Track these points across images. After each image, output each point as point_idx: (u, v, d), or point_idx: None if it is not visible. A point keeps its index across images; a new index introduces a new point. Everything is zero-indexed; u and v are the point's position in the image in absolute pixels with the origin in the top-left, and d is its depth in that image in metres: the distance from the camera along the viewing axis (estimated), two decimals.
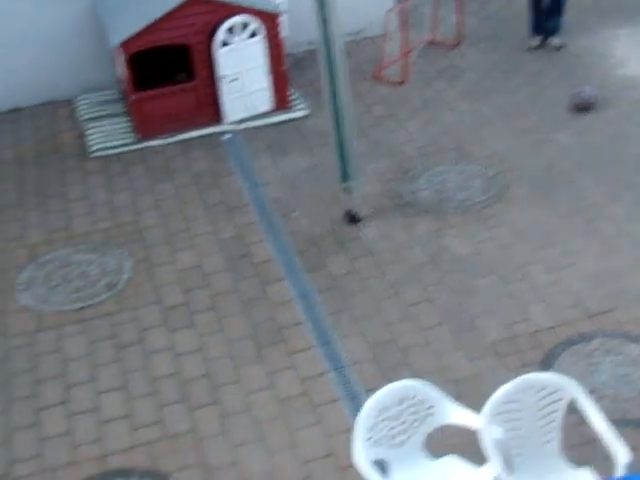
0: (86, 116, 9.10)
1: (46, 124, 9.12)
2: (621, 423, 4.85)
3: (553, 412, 4.61)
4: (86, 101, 9.33)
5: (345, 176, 7.25)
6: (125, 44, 8.19)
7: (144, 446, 5.56)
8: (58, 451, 5.56)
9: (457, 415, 4.72)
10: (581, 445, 4.86)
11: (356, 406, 5.63)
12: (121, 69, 8.61)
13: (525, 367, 5.79)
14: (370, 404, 4.62)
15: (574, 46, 9.86)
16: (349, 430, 5.38)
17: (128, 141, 8.69)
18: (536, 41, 9.87)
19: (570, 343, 6.04)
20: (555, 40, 9.83)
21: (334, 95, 6.83)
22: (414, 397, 4.70)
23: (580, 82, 9.05)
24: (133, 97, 8.48)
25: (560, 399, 4.59)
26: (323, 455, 5.41)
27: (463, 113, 8.91)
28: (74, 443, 5.60)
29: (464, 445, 5.17)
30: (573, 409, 4.55)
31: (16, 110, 9.34)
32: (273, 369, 6.05)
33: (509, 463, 4.55)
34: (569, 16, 9.94)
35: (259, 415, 5.71)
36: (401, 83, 9.48)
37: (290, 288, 6.77)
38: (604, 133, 8.37)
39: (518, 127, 8.59)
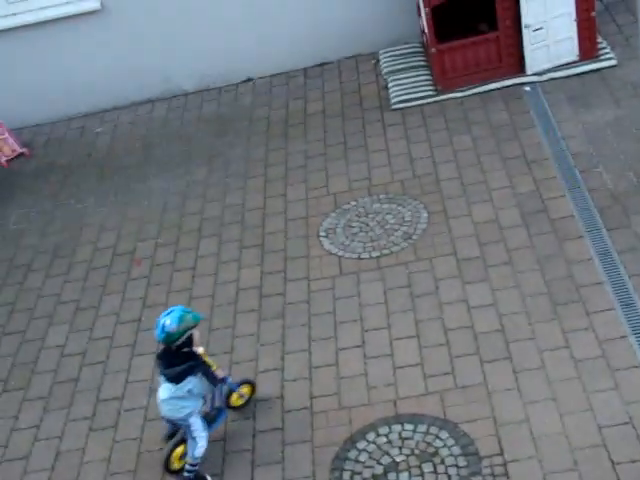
0: (388, 69, 9.27)
1: (350, 77, 9.43)
2: None
3: None
4: (388, 54, 9.50)
5: None
6: None
7: (435, 394, 5.67)
8: (354, 391, 5.84)
9: None
10: None
11: None
12: (423, 21, 8.65)
13: None
14: None
15: None
16: None
17: (428, 93, 8.75)
18: None
19: None
20: None
21: None
22: None
23: None
24: (434, 49, 8.49)
25: None
26: (621, 422, 5.18)
27: None
28: (369, 385, 5.85)
29: None
30: None
31: (323, 64, 9.75)
32: (569, 328, 5.87)
33: None
34: None
35: (553, 374, 5.59)
36: None
37: (590, 246, 6.50)
38: None
39: None
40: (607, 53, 8.56)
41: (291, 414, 5.78)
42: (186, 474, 5.42)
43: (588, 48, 8.46)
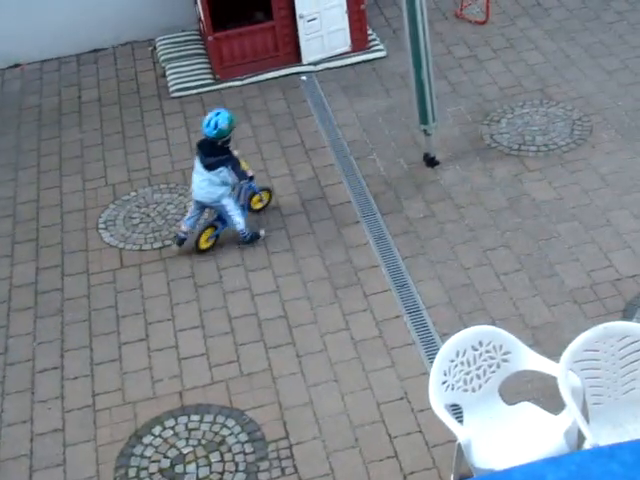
0: (165, 56, 9.13)
1: (126, 65, 9.20)
2: None
3: (634, 362, 4.52)
4: (165, 41, 9.35)
5: (423, 118, 7.13)
6: None
7: (221, 383, 5.67)
8: (139, 385, 5.72)
9: (534, 362, 4.67)
10: None
11: (431, 350, 5.64)
12: (200, 9, 8.58)
13: (605, 316, 5.68)
14: (445, 348, 4.60)
15: None
16: (423, 374, 5.42)
17: (206, 82, 8.71)
18: None
19: None
20: None
21: (414, 35, 6.68)
22: (490, 343, 4.67)
23: None
24: (211, 37, 8.46)
25: None
26: (397, 398, 5.43)
27: (548, 53, 8.63)
28: (154, 378, 5.76)
29: (540, 392, 5.15)
30: None
31: (97, 50, 9.44)
32: (349, 311, 6.07)
33: (585, 412, 4.50)
34: None
35: (334, 356, 5.76)
36: (483, 22, 9.22)
37: (366, 231, 6.75)
38: None
39: (606, 68, 8.28)
40: (377, 45, 8.93)
41: (72, 414, 5.58)
42: (241, 239, 6.64)
43: (359, 39, 8.78)
